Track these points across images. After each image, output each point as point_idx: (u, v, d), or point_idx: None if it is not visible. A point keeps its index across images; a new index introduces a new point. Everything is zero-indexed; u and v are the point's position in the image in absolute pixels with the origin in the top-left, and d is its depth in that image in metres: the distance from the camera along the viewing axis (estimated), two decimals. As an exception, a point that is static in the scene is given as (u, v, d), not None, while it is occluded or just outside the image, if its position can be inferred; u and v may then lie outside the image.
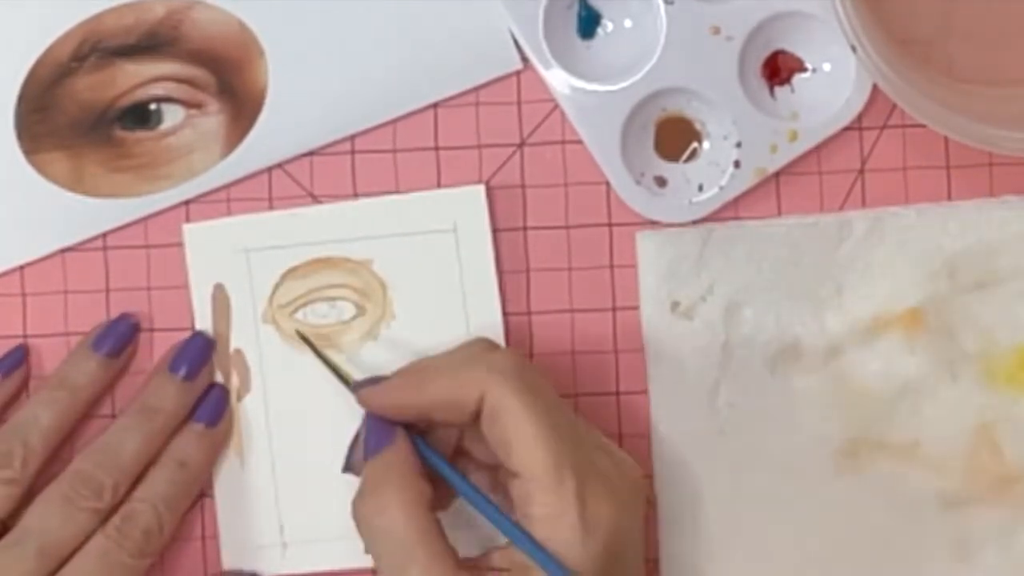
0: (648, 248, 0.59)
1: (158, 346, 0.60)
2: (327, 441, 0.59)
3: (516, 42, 0.59)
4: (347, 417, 0.59)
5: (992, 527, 0.59)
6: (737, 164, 0.59)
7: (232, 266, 0.59)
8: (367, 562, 0.56)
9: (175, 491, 0.57)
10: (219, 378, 0.59)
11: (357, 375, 0.58)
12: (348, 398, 0.58)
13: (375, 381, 0.56)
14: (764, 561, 0.59)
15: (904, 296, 0.59)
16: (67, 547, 0.54)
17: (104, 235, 0.60)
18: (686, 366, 0.59)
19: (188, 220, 0.60)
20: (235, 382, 0.59)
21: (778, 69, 0.59)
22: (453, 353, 0.55)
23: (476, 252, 0.59)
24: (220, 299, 0.60)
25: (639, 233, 0.59)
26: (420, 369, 0.55)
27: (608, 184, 0.59)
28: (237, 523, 0.59)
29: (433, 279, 0.59)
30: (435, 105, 0.59)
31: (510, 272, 0.60)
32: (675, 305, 0.59)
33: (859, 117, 0.59)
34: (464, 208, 0.59)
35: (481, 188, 0.59)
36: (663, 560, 0.59)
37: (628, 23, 0.59)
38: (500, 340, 0.59)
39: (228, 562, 0.60)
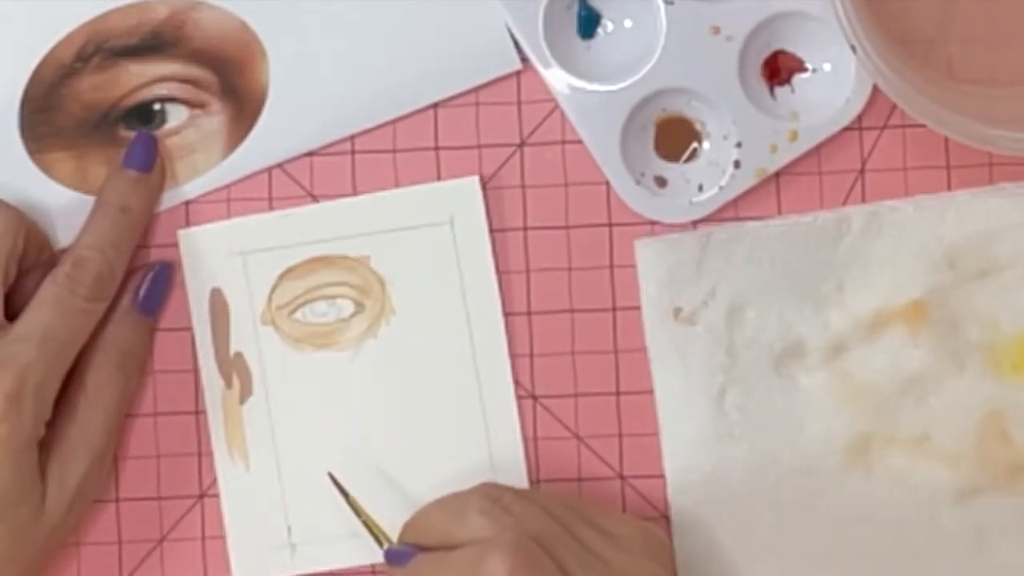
0: (648, 255, 0.59)
1: (159, 347, 0.60)
2: (331, 439, 0.59)
3: (516, 42, 0.59)
4: (349, 415, 0.59)
5: (1006, 515, 0.58)
6: (737, 164, 0.59)
7: (229, 269, 0.59)
8: (376, 559, 0.57)
9: (120, 234, 0.57)
10: (220, 383, 0.59)
11: (360, 383, 0.58)
12: (351, 398, 0.58)
13: (405, 555, 0.54)
14: (778, 563, 0.59)
15: (906, 289, 0.59)
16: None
17: (105, 235, 0.60)
18: (692, 372, 0.59)
19: (188, 220, 0.60)
20: (236, 385, 0.59)
21: (778, 69, 0.60)
22: (457, 557, 0.52)
23: (473, 244, 0.59)
24: (218, 303, 0.60)
25: (638, 241, 0.59)
26: (432, 562, 0.53)
27: (608, 184, 0.59)
28: (245, 526, 0.59)
29: (431, 273, 0.59)
30: (435, 105, 0.59)
31: (510, 272, 0.59)
32: (677, 311, 0.59)
33: (859, 117, 0.59)
34: (460, 200, 0.59)
35: (475, 179, 0.59)
36: (676, 565, 0.58)
37: (628, 23, 0.60)
38: (500, 338, 0.59)
39: (237, 565, 0.59)
